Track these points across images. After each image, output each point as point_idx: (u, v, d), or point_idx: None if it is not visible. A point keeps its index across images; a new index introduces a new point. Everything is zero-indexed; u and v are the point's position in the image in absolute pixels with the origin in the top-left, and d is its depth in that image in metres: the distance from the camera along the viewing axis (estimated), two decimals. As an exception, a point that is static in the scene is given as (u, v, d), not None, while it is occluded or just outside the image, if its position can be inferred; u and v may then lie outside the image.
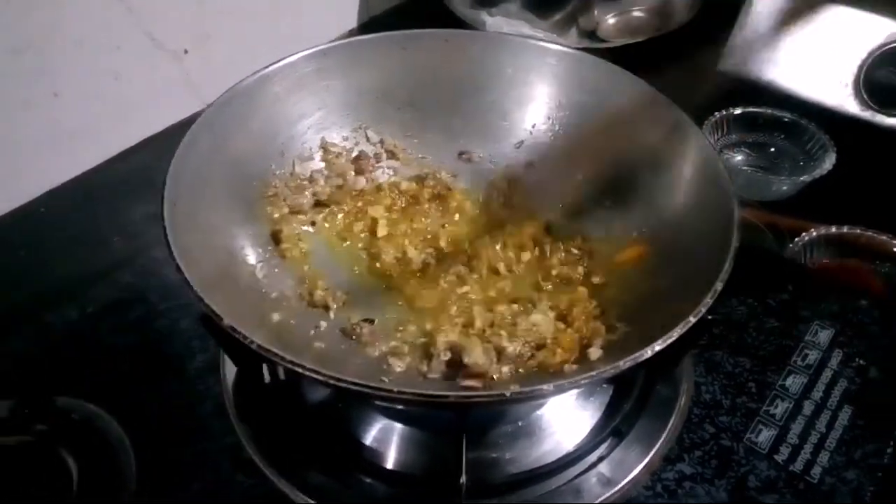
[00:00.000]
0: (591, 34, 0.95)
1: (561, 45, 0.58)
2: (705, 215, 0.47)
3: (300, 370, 0.37)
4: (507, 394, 0.37)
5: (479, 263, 0.53)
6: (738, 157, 0.78)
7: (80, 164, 0.74)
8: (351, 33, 0.98)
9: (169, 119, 0.79)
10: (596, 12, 0.94)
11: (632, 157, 0.54)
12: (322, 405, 0.53)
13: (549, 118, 0.59)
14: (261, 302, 0.48)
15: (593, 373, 0.39)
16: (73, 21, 0.68)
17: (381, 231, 0.55)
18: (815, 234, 0.66)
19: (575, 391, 0.53)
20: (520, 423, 0.51)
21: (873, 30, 0.76)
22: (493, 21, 0.93)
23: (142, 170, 0.74)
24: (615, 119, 0.55)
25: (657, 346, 0.38)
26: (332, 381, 0.36)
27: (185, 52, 0.80)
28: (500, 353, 0.47)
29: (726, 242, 0.42)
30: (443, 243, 0.55)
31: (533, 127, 0.59)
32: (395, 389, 0.37)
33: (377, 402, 0.51)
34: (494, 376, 0.46)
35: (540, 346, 0.48)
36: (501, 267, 0.53)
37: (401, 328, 0.49)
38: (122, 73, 0.75)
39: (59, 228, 0.69)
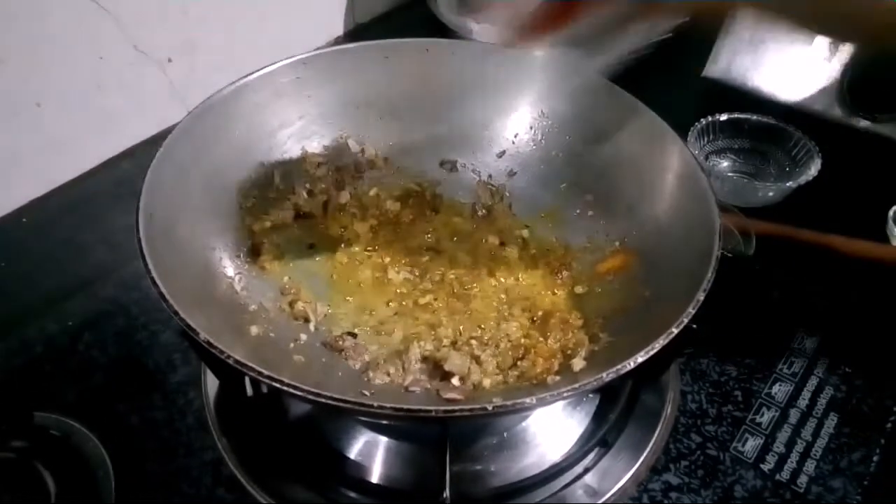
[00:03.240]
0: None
1: (543, 54, 0.58)
2: (687, 225, 0.47)
3: (279, 385, 0.36)
4: (490, 407, 0.37)
5: (455, 277, 0.53)
6: (725, 164, 0.78)
7: (62, 174, 0.74)
8: (337, 41, 0.97)
9: (153, 128, 0.79)
10: (582, 19, 0.94)
11: (614, 167, 0.54)
12: (305, 419, 0.52)
13: (531, 127, 0.58)
14: (240, 315, 0.47)
15: (576, 385, 0.38)
16: (56, 31, 0.68)
17: (361, 246, 0.55)
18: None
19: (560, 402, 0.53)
20: (504, 435, 0.51)
21: (857, 36, 0.76)
22: (480, 28, 0.93)
23: (125, 179, 0.73)
24: (597, 129, 0.55)
25: (640, 358, 0.38)
26: (311, 397, 0.36)
27: (170, 60, 0.79)
28: (476, 360, 0.47)
29: (708, 252, 0.42)
30: (424, 258, 0.55)
31: (515, 136, 0.59)
32: (376, 405, 0.36)
33: (360, 417, 0.50)
34: (475, 381, 0.46)
35: (521, 357, 0.47)
36: (475, 282, 0.53)
37: (380, 342, 0.49)
38: (106, 82, 0.74)
39: (40, 239, 0.68)
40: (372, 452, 0.50)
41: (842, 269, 0.65)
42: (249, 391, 0.50)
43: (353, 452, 0.50)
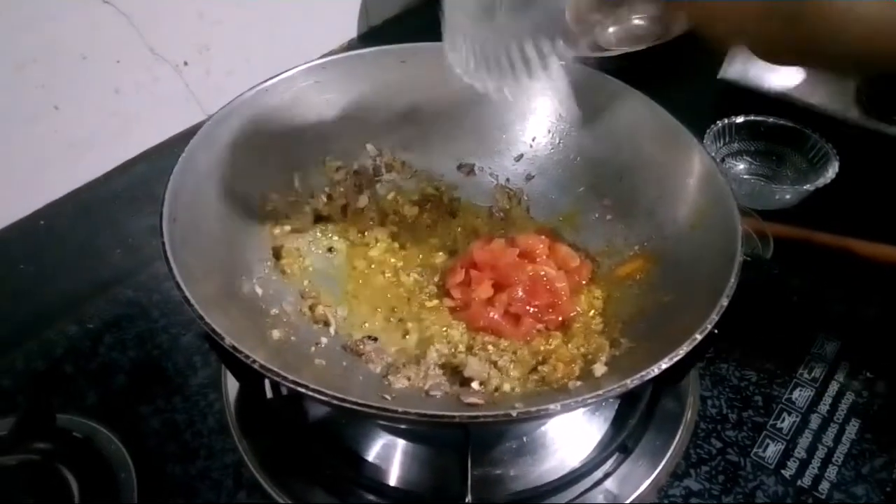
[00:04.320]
0: (592, 43, 0.94)
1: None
2: (708, 229, 0.47)
3: (303, 390, 0.36)
4: (514, 413, 0.36)
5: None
6: (741, 166, 0.78)
7: (80, 176, 0.74)
8: (350, 43, 0.98)
9: (169, 130, 0.79)
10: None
11: (633, 171, 0.54)
12: (324, 421, 0.52)
13: (549, 131, 0.58)
14: (261, 319, 0.47)
15: (600, 392, 0.38)
16: (74, 35, 0.68)
17: (379, 250, 0.55)
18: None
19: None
20: (524, 439, 0.51)
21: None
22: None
23: (142, 181, 0.74)
24: (616, 132, 0.55)
25: (664, 364, 0.38)
26: (335, 402, 0.36)
27: (185, 63, 0.80)
28: (494, 364, 0.47)
29: (730, 257, 0.42)
30: (438, 260, 0.55)
31: (533, 140, 0.59)
32: (401, 410, 0.36)
33: (382, 422, 0.51)
34: (495, 384, 0.46)
35: (541, 362, 0.47)
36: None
37: (398, 345, 0.49)
38: (123, 85, 0.75)
39: (59, 242, 0.69)
40: (390, 455, 0.51)
41: (861, 273, 0.65)
42: (269, 393, 0.50)
43: (372, 455, 0.51)
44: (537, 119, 0.59)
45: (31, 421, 0.49)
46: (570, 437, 0.51)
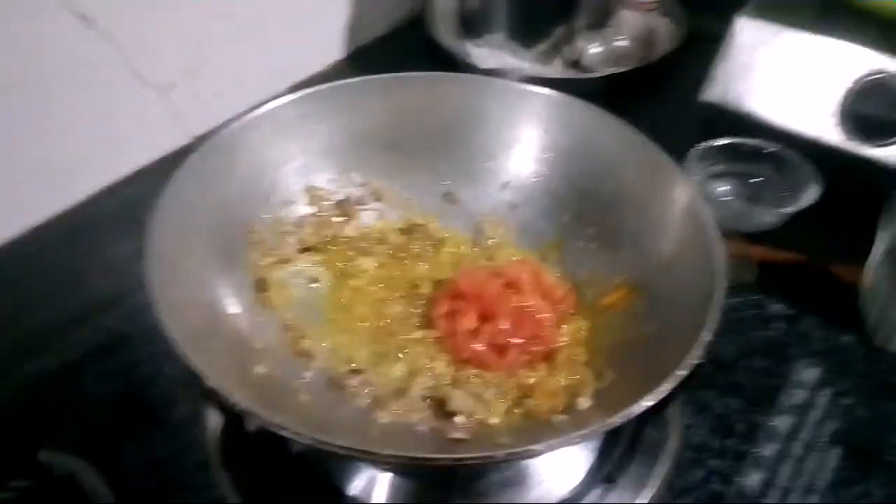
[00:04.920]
0: (576, 64, 0.95)
1: (544, 83, 0.58)
2: (690, 261, 0.47)
3: (286, 434, 0.37)
4: (498, 455, 0.37)
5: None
6: (723, 188, 0.79)
7: (64, 201, 0.74)
8: (337, 64, 0.98)
9: (156, 153, 0.79)
10: (580, 42, 0.95)
11: (617, 200, 0.54)
12: (308, 454, 0.52)
13: (534, 160, 0.59)
14: (244, 353, 0.47)
15: (584, 431, 0.38)
16: (60, 59, 0.68)
17: (364, 280, 0.55)
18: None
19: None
20: (509, 472, 0.51)
21: (856, 61, 0.77)
22: (478, 51, 0.93)
23: (128, 205, 0.73)
24: (600, 162, 0.55)
25: (648, 402, 0.38)
26: (318, 445, 0.36)
27: (172, 86, 0.79)
28: (478, 397, 0.47)
29: (711, 293, 0.42)
30: (424, 289, 0.55)
31: (518, 169, 0.59)
32: (385, 452, 0.36)
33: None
34: (480, 418, 0.46)
35: (526, 395, 0.47)
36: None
37: (383, 378, 0.49)
38: (109, 109, 0.74)
39: (42, 267, 0.68)
40: (375, 489, 0.50)
41: (842, 297, 0.66)
42: (252, 427, 0.50)
43: (357, 489, 0.50)
44: (523, 148, 0.59)
45: (10, 458, 0.49)
46: (556, 469, 0.51)
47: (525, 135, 0.58)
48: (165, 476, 0.51)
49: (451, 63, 0.90)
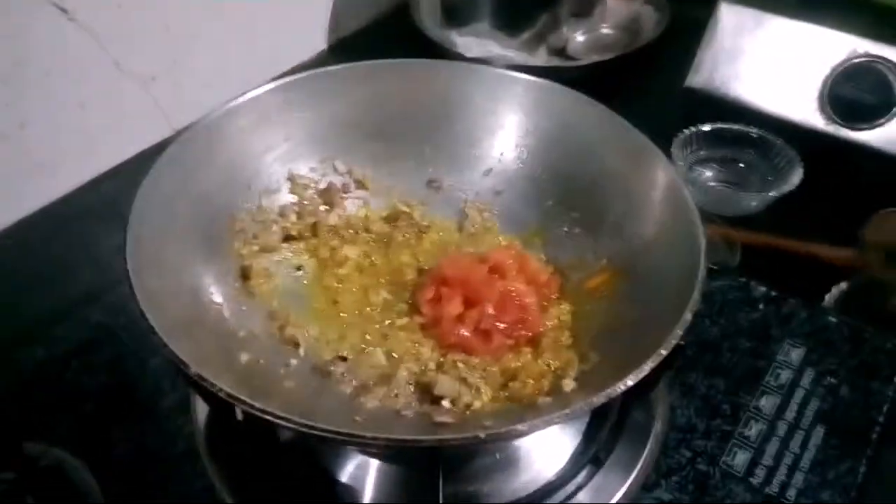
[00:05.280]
0: (561, 52, 0.95)
1: (527, 70, 0.58)
2: (672, 244, 0.48)
3: (271, 418, 0.36)
4: (482, 435, 0.37)
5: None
6: (708, 174, 0.79)
7: (48, 194, 0.74)
8: (320, 54, 0.98)
9: (138, 146, 0.79)
10: (565, 30, 0.95)
11: (600, 185, 0.54)
12: (296, 442, 0.52)
13: (517, 146, 0.59)
14: (229, 341, 0.47)
15: (567, 410, 0.38)
16: (39, 52, 0.67)
17: (349, 268, 0.55)
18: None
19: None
20: (497, 456, 0.51)
21: (837, 46, 0.78)
22: (463, 40, 0.93)
23: (111, 199, 0.72)
24: (582, 146, 0.55)
25: (630, 381, 0.38)
26: (304, 430, 0.36)
27: (153, 78, 0.79)
28: (464, 382, 0.47)
29: (694, 273, 0.43)
30: (409, 276, 0.55)
31: (501, 155, 0.59)
32: (369, 435, 0.36)
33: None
34: (466, 402, 0.46)
35: (511, 379, 0.48)
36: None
37: (368, 365, 0.49)
38: (90, 102, 0.74)
39: (26, 262, 0.68)
40: (364, 476, 0.50)
41: (825, 278, 0.66)
42: (240, 415, 0.50)
43: (345, 476, 0.50)
44: (505, 134, 0.59)
45: (-4, 450, 0.49)
46: (543, 451, 0.52)
47: (508, 121, 0.58)
48: (153, 466, 0.51)
49: (436, 52, 0.90)
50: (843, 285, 0.65)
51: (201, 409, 0.53)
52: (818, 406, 0.56)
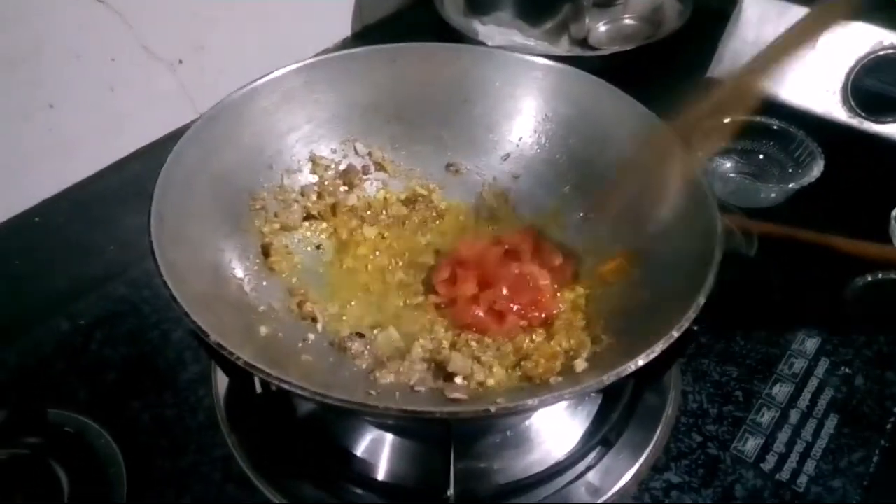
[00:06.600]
0: (583, 42, 0.95)
1: (548, 57, 0.59)
2: (688, 229, 0.48)
3: (287, 387, 0.37)
4: (493, 409, 0.37)
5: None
6: (728, 164, 0.79)
7: (74, 174, 0.75)
8: (344, 42, 0.98)
9: (163, 129, 0.80)
10: (587, 20, 0.95)
11: (617, 170, 0.55)
12: (313, 416, 0.53)
13: (535, 131, 0.59)
14: (249, 315, 0.48)
15: (577, 387, 0.39)
16: (68, 33, 0.69)
17: (368, 248, 0.56)
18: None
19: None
20: (508, 433, 0.52)
21: (860, 38, 0.76)
22: (486, 29, 0.93)
23: (136, 179, 0.74)
24: (601, 132, 0.56)
25: (640, 361, 0.39)
26: (318, 398, 0.37)
27: (180, 62, 0.80)
28: (477, 360, 0.48)
29: (709, 257, 0.43)
30: (426, 258, 0.56)
31: (519, 140, 0.59)
32: (382, 406, 0.37)
33: (366, 417, 0.51)
34: (479, 380, 0.47)
35: (524, 358, 0.48)
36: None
37: (385, 342, 0.50)
38: (117, 84, 0.75)
39: (52, 238, 0.70)
40: (378, 450, 0.51)
41: (843, 271, 0.66)
42: (259, 388, 0.51)
43: (360, 450, 0.52)
44: (524, 119, 0.59)
45: (21, 415, 0.50)
46: (554, 431, 0.52)
47: (527, 106, 0.59)
48: (172, 435, 0.52)
49: (459, 41, 0.91)
50: (868, 277, 0.65)
51: (221, 382, 0.54)
52: (832, 395, 0.56)
